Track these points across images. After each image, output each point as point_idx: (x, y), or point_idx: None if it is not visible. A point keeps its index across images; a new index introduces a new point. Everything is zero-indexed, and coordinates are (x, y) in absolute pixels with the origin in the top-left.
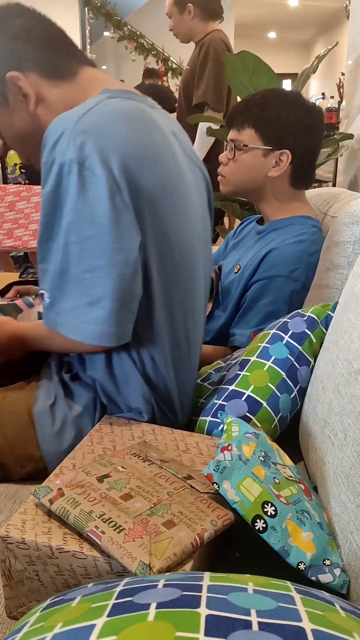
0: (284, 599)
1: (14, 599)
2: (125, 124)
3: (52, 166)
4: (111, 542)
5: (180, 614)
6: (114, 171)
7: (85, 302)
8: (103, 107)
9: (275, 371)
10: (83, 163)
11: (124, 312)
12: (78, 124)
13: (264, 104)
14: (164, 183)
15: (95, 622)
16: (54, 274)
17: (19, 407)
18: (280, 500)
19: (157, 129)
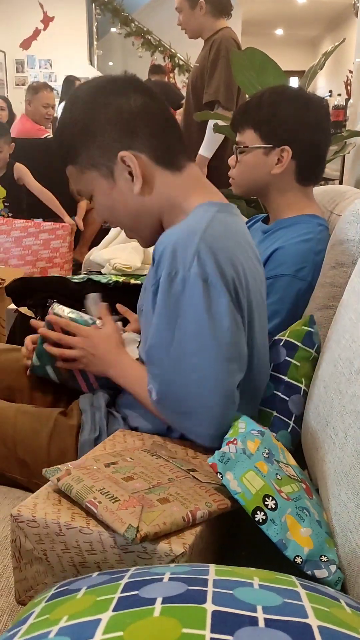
0: (289, 595)
1: (23, 582)
2: (234, 244)
3: (174, 278)
4: (106, 510)
5: (186, 610)
6: (230, 289)
7: (196, 410)
8: (218, 224)
9: (265, 412)
10: (207, 279)
11: (232, 413)
12: (202, 240)
13: (261, 104)
14: (255, 296)
15: (101, 617)
16: (163, 381)
17: (67, 431)
18: (281, 495)
19: (247, 243)
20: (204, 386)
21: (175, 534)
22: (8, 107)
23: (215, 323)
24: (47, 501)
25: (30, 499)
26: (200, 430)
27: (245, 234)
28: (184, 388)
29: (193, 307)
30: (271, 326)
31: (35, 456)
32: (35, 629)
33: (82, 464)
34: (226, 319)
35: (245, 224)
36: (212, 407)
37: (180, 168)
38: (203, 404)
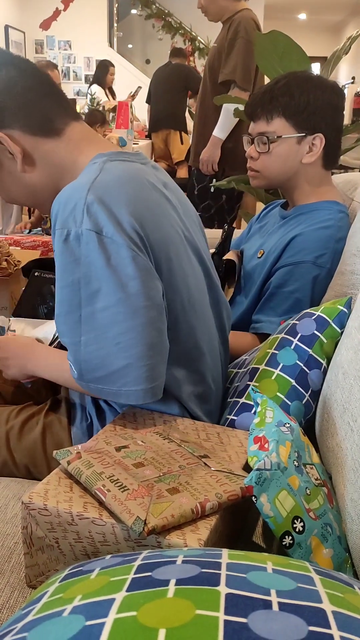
0: (303, 580)
1: (33, 568)
2: (130, 188)
3: (67, 236)
4: (114, 499)
5: (200, 592)
6: (130, 234)
7: (120, 365)
8: (107, 174)
9: (284, 379)
10: (101, 232)
11: (160, 364)
12: (89, 194)
13: (291, 91)
14: (167, 235)
15: (115, 597)
16: (77, 346)
17: (61, 422)
18: (310, 515)
19: (154, 187)
20: (123, 341)
21: (188, 526)
22: None
23: (119, 275)
24: (59, 488)
25: (41, 485)
26: (130, 390)
27: (146, 176)
28: (102, 349)
29: (92, 263)
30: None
31: (33, 457)
32: (49, 607)
33: (92, 446)
34: (130, 268)
35: (149, 166)
36: (138, 361)
37: (59, 132)
38: (127, 359)
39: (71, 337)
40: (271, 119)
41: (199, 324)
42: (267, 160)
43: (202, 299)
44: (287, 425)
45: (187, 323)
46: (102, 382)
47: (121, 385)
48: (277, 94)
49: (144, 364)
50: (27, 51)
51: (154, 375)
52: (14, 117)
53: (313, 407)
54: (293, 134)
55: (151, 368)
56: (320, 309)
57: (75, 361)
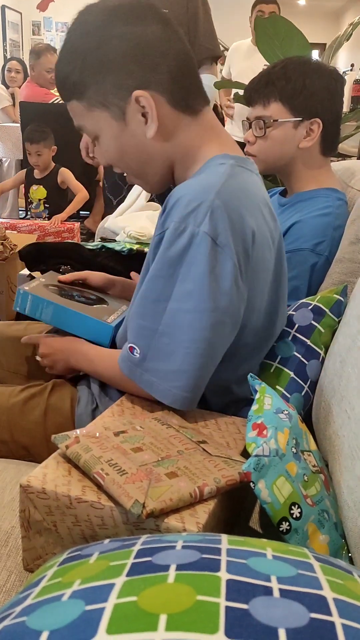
0: (303, 566)
1: (31, 551)
2: (249, 203)
3: (182, 233)
4: (113, 482)
5: (201, 577)
6: (239, 252)
7: (181, 368)
8: (234, 181)
9: (283, 372)
10: (216, 239)
11: (208, 377)
12: (217, 197)
13: (287, 75)
14: (264, 252)
15: (115, 581)
16: (152, 333)
17: (64, 404)
18: (307, 502)
19: (264, 204)
20: (193, 348)
21: (187, 510)
22: (23, 69)
23: (217, 284)
24: (57, 472)
25: (39, 469)
26: (178, 394)
27: (260, 190)
28: (171, 346)
29: (196, 265)
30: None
31: (33, 437)
32: (48, 591)
33: (91, 431)
34: (227, 282)
35: (260, 178)
36: (197, 370)
37: (197, 112)
38: (189, 365)
39: (150, 323)
40: (268, 103)
41: (267, 343)
42: (264, 145)
43: (271, 316)
44: (286, 412)
45: (253, 340)
46: (157, 376)
47: (172, 386)
48: (274, 78)
49: (200, 375)
50: (24, 32)
51: (201, 387)
52: (163, 81)
53: (312, 398)
54: (290, 118)
55: (202, 380)
56: (316, 299)
57: (145, 345)
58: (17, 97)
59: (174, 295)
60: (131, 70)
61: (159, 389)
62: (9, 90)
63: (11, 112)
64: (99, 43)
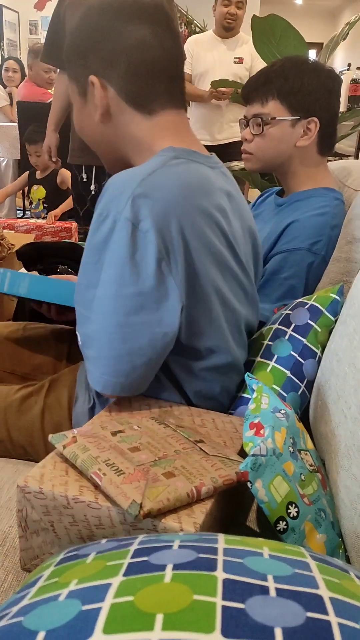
0: (299, 565)
1: (28, 551)
2: (183, 192)
3: (105, 219)
4: (110, 483)
5: (197, 577)
6: (165, 237)
7: (109, 354)
8: (166, 171)
9: (279, 371)
10: (137, 224)
11: (148, 369)
12: (139, 185)
13: (285, 74)
14: (207, 244)
15: (111, 581)
16: (86, 320)
17: (61, 403)
18: (304, 501)
19: (214, 196)
20: (118, 332)
21: (184, 510)
22: (21, 69)
23: (138, 271)
24: (54, 471)
25: (36, 468)
26: (108, 379)
27: (205, 184)
28: (100, 333)
29: (118, 250)
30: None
31: (30, 436)
32: (44, 591)
33: (88, 431)
34: (151, 268)
35: (223, 174)
36: (125, 355)
37: (151, 112)
38: (115, 350)
39: (84, 310)
40: (266, 102)
41: (223, 330)
42: (261, 142)
43: (239, 308)
44: (283, 412)
45: (215, 326)
46: (91, 363)
47: (102, 373)
48: (271, 77)
49: (131, 360)
50: (22, 32)
51: (137, 371)
52: (119, 78)
53: (309, 397)
54: (287, 116)
55: (136, 364)
56: (313, 298)
57: (82, 333)
58: (14, 96)
59: (101, 282)
60: (95, 56)
61: (93, 377)
62: (7, 89)
63: (9, 112)
64: (87, 29)
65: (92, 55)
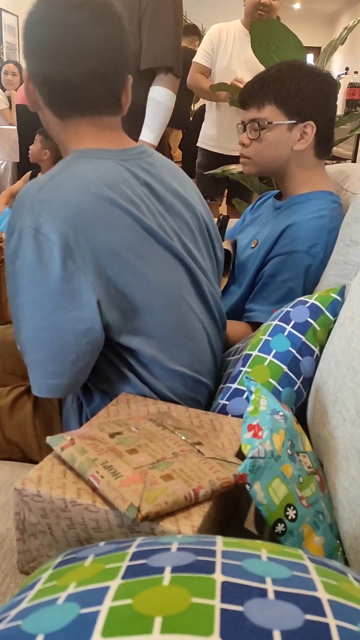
0: (298, 568)
1: (26, 553)
2: (81, 189)
3: (13, 230)
4: (108, 485)
5: (196, 580)
6: (67, 236)
7: (40, 357)
8: (65, 173)
9: (276, 365)
10: (39, 229)
11: (78, 365)
12: (38, 192)
13: (282, 78)
14: (119, 239)
15: (110, 584)
16: (17, 330)
17: (52, 400)
18: (302, 503)
19: (118, 187)
20: (42, 335)
21: (182, 513)
22: (20, 72)
23: (46, 273)
24: (52, 474)
25: (34, 471)
26: (42, 382)
27: (109, 179)
28: (27, 339)
29: (26, 257)
30: None
31: (23, 433)
32: (43, 594)
33: (86, 432)
34: (57, 269)
35: (130, 165)
36: (54, 356)
37: (62, 117)
38: (43, 353)
39: (15, 320)
40: (262, 106)
41: (174, 319)
42: (258, 147)
43: (178, 295)
44: (281, 414)
45: (157, 318)
46: (29, 369)
47: (37, 376)
48: (268, 81)
49: (62, 360)
50: (21, 35)
51: (72, 374)
52: (41, 83)
53: (304, 394)
54: (284, 120)
55: (68, 365)
56: (314, 297)
57: (19, 342)
58: (13, 100)
59: (18, 291)
60: (30, 52)
61: (32, 383)
62: (6, 93)
63: (8, 115)
64: (36, 22)
65: (29, 54)
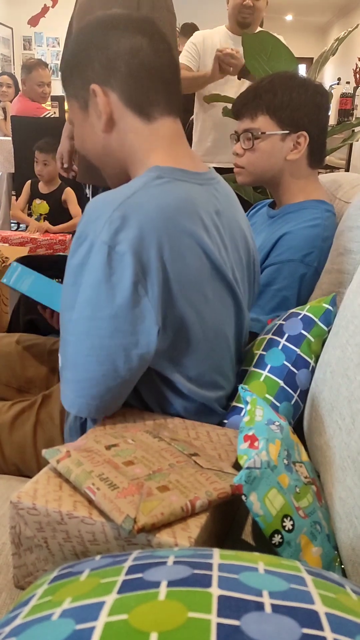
0: (295, 580)
1: (22, 568)
2: (161, 215)
3: (83, 241)
4: (104, 497)
5: (192, 594)
6: (142, 260)
7: (84, 377)
8: (145, 192)
9: (272, 381)
10: (114, 247)
11: (121, 390)
12: (118, 208)
13: (274, 89)
14: (190, 267)
15: (105, 599)
16: (65, 342)
17: (54, 418)
18: (299, 514)
19: (195, 216)
20: (93, 354)
21: (178, 524)
22: (14, 84)
23: (114, 293)
24: (48, 487)
25: (30, 484)
26: (82, 401)
27: (189, 204)
28: (76, 354)
29: (94, 273)
30: (280, 314)
31: (22, 452)
32: (37, 610)
33: (82, 445)
34: (126, 290)
35: (206, 190)
36: (100, 378)
37: (150, 118)
38: (90, 372)
39: (64, 332)
40: (255, 117)
41: (213, 356)
42: (252, 157)
43: (223, 334)
44: (277, 424)
45: (199, 354)
46: (67, 385)
47: (77, 395)
48: (261, 92)
49: (105, 382)
50: (15, 47)
51: (110, 393)
52: (120, 82)
53: (302, 407)
54: (277, 130)
55: (110, 386)
56: (306, 309)
57: (62, 355)
58: (8, 111)
59: (77, 304)
60: (93, 67)
61: (67, 399)
62: (1, 104)
63: (3, 126)
64: (80, 45)
65: (90, 66)
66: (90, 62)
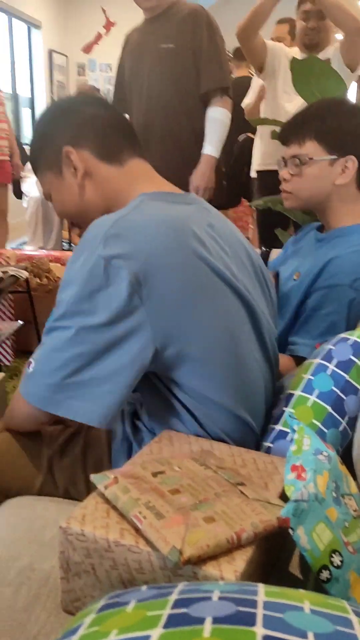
0: (341, 622)
1: (70, 593)
2: (156, 230)
3: (79, 256)
4: (150, 526)
5: (236, 632)
6: (137, 274)
7: (65, 380)
8: (139, 211)
9: (320, 406)
10: (109, 261)
11: (115, 395)
12: (113, 225)
13: (323, 115)
14: (191, 278)
15: (151, 633)
16: (48, 349)
17: (102, 438)
18: (348, 549)
19: (190, 229)
20: (73, 358)
21: (224, 557)
22: None
23: (110, 303)
24: (96, 513)
25: (79, 509)
26: (36, 389)
27: (181, 221)
28: (63, 362)
29: (89, 284)
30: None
31: (72, 475)
32: (85, 639)
33: (129, 471)
34: (123, 303)
35: (206, 212)
36: (50, 385)
37: (122, 162)
38: (78, 382)
39: (46, 338)
40: (303, 142)
41: (231, 361)
42: (299, 182)
43: (238, 337)
44: (325, 454)
45: (214, 360)
46: (31, 374)
47: (42, 389)
48: (309, 118)
49: (91, 391)
50: (70, 74)
51: (110, 404)
52: (89, 140)
53: (350, 434)
54: (324, 156)
55: (114, 392)
56: (356, 334)
57: (35, 358)
58: None
59: (76, 316)
60: (61, 134)
61: (32, 388)
62: None
63: None
64: (45, 124)
65: (58, 134)
66: (58, 131)
